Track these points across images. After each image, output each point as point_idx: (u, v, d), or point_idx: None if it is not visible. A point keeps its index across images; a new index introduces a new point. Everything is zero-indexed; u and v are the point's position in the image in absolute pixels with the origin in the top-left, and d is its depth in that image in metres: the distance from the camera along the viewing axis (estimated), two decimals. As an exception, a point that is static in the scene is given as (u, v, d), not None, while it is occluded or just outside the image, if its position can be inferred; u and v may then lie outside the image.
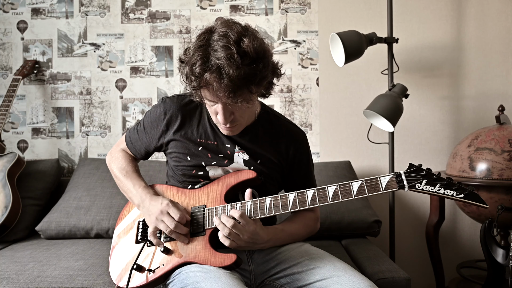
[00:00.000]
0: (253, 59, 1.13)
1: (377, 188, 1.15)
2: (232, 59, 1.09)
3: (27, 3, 2.44)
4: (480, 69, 2.37)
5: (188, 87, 1.21)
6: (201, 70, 1.13)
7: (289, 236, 1.35)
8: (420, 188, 1.12)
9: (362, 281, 1.15)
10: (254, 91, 1.16)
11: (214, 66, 1.11)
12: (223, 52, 1.10)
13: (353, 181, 1.17)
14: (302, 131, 1.46)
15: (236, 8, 2.42)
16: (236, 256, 1.20)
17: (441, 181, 1.12)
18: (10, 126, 2.45)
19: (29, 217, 2.02)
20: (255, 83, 1.14)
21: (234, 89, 1.11)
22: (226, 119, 1.21)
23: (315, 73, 2.41)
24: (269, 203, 1.22)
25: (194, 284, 1.15)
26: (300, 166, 1.42)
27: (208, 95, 1.18)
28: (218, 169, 1.34)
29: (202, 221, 1.27)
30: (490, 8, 2.36)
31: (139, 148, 1.44)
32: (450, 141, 2.37)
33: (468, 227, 2.37)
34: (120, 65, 2.44)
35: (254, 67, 1.13)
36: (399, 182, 1.14)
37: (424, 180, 1.13)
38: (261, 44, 1.17)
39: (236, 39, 1.12)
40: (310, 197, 1.20)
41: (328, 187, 1.19)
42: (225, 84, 1.11)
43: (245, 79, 1.12)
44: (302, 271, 1.24)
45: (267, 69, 1.17)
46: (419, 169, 1.15)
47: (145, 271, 1.26)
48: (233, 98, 1.13)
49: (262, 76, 1.16)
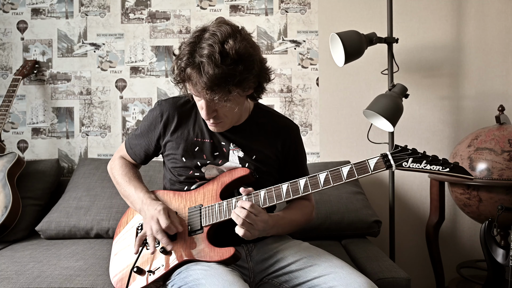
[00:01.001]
0: (234, 60, 1.17)
1: (366, 170, 1.18)
2: (212, 57, 1.15)
3: (27, 3, 2.44)
4: (480, 69, 2.37)
5: (175, 81, 1.26)
6: (185, 65, 1.19)
7: (289, 223, 1.37)
8: (407, 166, 1.15)
9: (359, 278, 1.17)
10: (232, 91, 1.19)
11: (196, 62, 1.17)
12: (206, 50, 1.16)
13: (342, 166, 1.20)
14: (295, 124, 1.50)
15: (236, 8, 2.42)
16: (234, 249, 1.22)
17: (427, 158, 1.15)
18: (10, 126, 2.45)
19: (29, 217, 2.02)
20: (233, 84, 1.18)
21: (211, 87, 1.16)
22: (207, 114, 1.26)
23: (315, 73, 2.41)
24: (263, 195, 1.25)
25: (194, 281, 1.16)
26: (295, 158, 1.45)
27: (191, 89, 1.23)
28: (213, 169, 1.36)
29: (200, 219, 1.29)
30: (490, 8, 2.36)
31: (138, 153, 1.46)
32: (450, 141, 2.37)
33: (468, 227, 2.37)
34: (120, 65, 2.44)
35: (233, 68, 1.16)
36: (386, 162, 1.17)
37: (410, 158, 1.16)
38: (247, 47, 1.20)
39: (221, 39, 1.17)
40: (303, 185, 1.22)
41: (319, 174, 1.22)
42: (203, 81, 1.16)
43: (223, 79, 1.16)
44: (300, 269, 1.25)
45: (249, 72, 1.20)
46: (405, 149, 1.18)
47: (146, 273, 1.27)
48: (210, 95, 1.18)
49: (242, 78, 1.19)
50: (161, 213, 1.26)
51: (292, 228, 1.40)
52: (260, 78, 1.26)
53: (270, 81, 1.31)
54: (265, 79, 1.29)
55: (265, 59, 1.28)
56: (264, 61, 1.28)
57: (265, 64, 1.28)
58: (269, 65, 1.31)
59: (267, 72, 1.29)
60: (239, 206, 1.21)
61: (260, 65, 1.25)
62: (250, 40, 1.23)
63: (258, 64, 1.23)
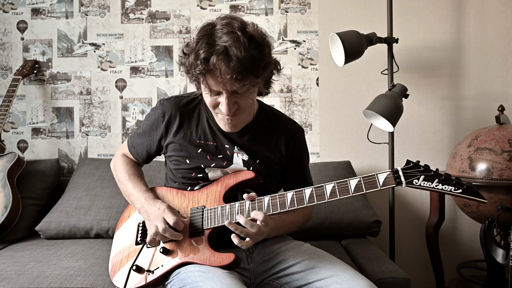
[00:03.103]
0: (259, 43, 1.15)
1: (375, 185, 1.14)
2: (239, 41, 1.11)
3: (27, 3, 2.44)
4: (480, 69, 2.37)
5: (193, 77, 1.20)
6: (206, 55, 1.12)
7: (290, 225, 1.36)
8: (418, 184, 1.11)
9: (362, 281, 1.16)
10: (260, 76, 1.16)
11: (221, 48, 1.11)
12: (228, 36, 1.12)
13: (351, 178, 1.17)
14: (300, 126, 1.48)
15: (236, 8, 2.42)
16: (234, 256, 1.20)
17: (439, 177, 1.11)
18: (10, 126, 2.45)
19: (29, 217, 2.02)
20: (261, 67, 1.15)
21: (242, 71, 1.10)
22: (230, 109, 1.20)
23: (315, 73, 2.41)
24: (267, 202, 1.23)
25: (192, 283, 1.15)
26: (298, 161, 1.43)
27: (213, 83, 1.17)
28: (217, 170, 1.34)
29: (201, 221, 1.27)
30: (490, 8, 2.36)
31: (140, 152, 1.45)
32: (450, 141, 2.37)
33: (468, 227, 2.37)
34: (120, 65, 2.44)
35: (261, 51, 1.14)
36: (397, 178, 1.13)
37: (422, 176, 1.12)
38: (262, 33, 1.20)
39: (240, 26, 1.15)
40: (308, 195, 1.20)
41: (326, 185, 1.19)
42: (233, 66, 1.09)
43: (252, 62, 1.12)
44: (301, 271, 1.24)
45: (271, 56, 1.20)
46: (417, 165, 1.14)
47: (144, 272, 1.27)
48: (240, 81, 1.12)
49: (268, 61, 1.17)
50: (166, 211, 1.24)
51: (292, 229, 1.39)
52: (275, 66, 1.26)
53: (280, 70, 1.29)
54: (277, 68, 1.28)
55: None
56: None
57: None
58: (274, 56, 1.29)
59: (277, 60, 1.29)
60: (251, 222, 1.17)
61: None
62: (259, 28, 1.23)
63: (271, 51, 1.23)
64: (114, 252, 1.39)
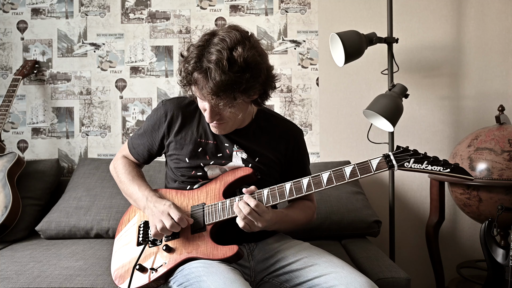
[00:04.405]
0: (242, 68, 1.17)
1: (368, 170, 1.19)
2: (220, 64, 1.15)
3: (27, 3, 2.44)
4: (480, 69, 2.37)
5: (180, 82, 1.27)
6: (192, 69, 1.20)
7: (291, 221, 1.38)
8: (408, 166, 1.17)
9: (360, 277, 1.18)
10: (237, 98, 1.20)
11: (204, 67, 1.18)
12: (214, 55, 1.17)
13: (345, 165, 1.21)
14: (299, 128, 1.50)
15: (236, 8, 2.42)
16: (237, 248, 1.23)
17: (428, 159, 1.17)
18: (10, 126, 2.45)
19: (29, 217, 2.01)
20: (239, 91, 1.19)
21: (217, 92, 1.17)
22: (211, 117, 1.27)
23: (315, 73, 2.41)
24: (266, 194, 1.26)
25: (196, 278, 1.17)
26: (299, 162, 1.46)
27: (197, 92, 1.24)
28: (216, 168, 1.37)
29: (202, 218, 1.30)
30: (490, 8, 2.36)
31: (141, 152, 1.47)
32: (450, 141, 2.37)
33: (468, 227, 2.37)
34: (120, 65, 2.44)
35: (240, 76, 1.17)
36: (389, 162, 1.18)
37: (412, 159, 1.17)
38: (255, 56, 1.21)
39: (231, 46, 1.18)
40: (306, 184, 1.23)
41: (322, 173, 1.23)
42: (209, 86, 1.17)
43: (229, 85, 1.16)
44: (301, 268, 1.26)
45: (255, 80, 1.21)
46: (406, 150, 1.19)
47: (148, 271, 1.27)
48: (216, 101, 1.19)
49: (248, 86, 1.20)
50: (172, 207, 1.28)
51: (293, 226, 1.41)
52: (266, 86, 1.28)
53: (275, 89, 1.33)
54: (271, 86, 1.30)
55: (272, 67, 1.29)
56: (271, 68, 1.29)
57: (271, 72, 1.29)
58: (276, 73, 1.32)
59: (273, 79, 1.30)
60: (244, 202, 1.22)
61: (267, 73, 1.26)
62: (259, 47, 1.24)
63: (264, 72, 1.24)
64: (117, 258, 1.39)
